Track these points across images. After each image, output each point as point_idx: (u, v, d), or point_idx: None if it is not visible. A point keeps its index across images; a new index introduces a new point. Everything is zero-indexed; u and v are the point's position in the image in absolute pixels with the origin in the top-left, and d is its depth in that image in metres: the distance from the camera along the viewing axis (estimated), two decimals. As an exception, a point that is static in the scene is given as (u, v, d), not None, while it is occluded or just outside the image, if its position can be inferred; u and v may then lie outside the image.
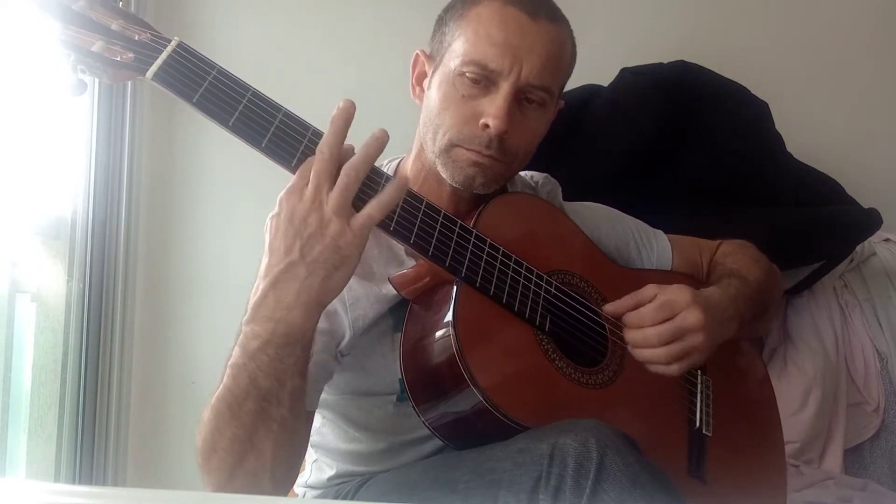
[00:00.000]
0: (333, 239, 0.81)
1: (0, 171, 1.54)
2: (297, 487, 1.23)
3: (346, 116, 0.85)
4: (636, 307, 1.05)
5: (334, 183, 0.83)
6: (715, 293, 1.09)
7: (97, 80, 0.88)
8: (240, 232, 1.82)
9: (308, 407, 0.98)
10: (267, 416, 0.85)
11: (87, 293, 1.75)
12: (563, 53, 1.07)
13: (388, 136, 0.85)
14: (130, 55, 0.85)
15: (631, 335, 1.02)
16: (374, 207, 0.84)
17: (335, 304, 1.01)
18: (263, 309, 0.83)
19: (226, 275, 1.82)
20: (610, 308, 1.07)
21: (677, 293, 1.02)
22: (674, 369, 1.01)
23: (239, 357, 0.85)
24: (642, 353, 1.01)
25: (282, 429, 0.86)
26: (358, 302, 1.02)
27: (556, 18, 1.06)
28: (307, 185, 0.83)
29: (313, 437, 1.17)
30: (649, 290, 1.04)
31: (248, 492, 0.88)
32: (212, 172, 1.87)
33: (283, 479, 0.93)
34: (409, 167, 1.14)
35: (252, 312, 0.84)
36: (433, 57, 1.09)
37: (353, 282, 1.02)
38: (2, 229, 1.56)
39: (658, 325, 1.00)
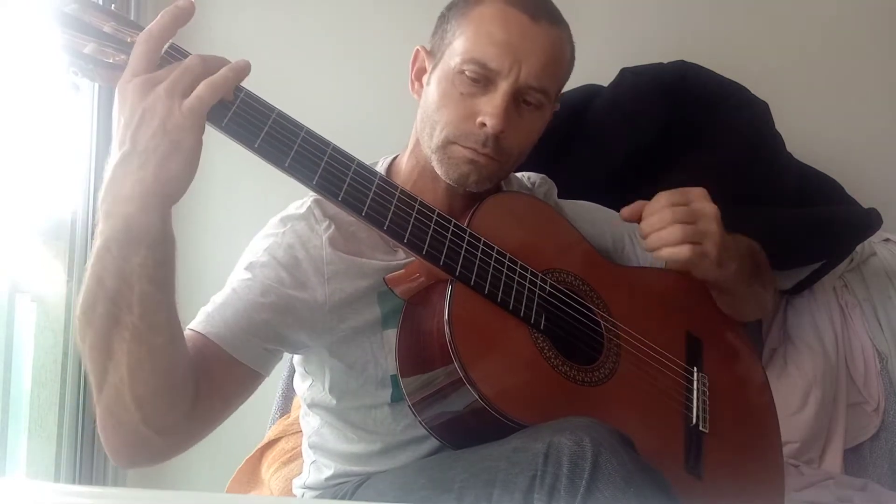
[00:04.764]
0: (161, 122, 0.78)
1: (0, 171, 1.54)
2: (296, 489, 1.23)
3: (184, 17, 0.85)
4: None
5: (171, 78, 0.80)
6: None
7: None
8: (240, 232, 1.81)
9: (235, 354, 0.98)
10: (118, 321, 0.80)
11: (87, 293, 1.75)
12: (562, 57, 1.08)
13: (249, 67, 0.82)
14: (123, 57, 0.85)
15: (647, 221, 1.05)
16: (203, 88, 0.79)
17: (307, 271, 1.02)
18: (104, 205, 0.80)
19: (225, 275, 1.81)
20: (626, 212, 1.10)
21: (694, 190, 1.06)
22: (685, 251, 1.03)
23: (90, 260, 0.82)
24: (657, 237, 1.03)
25: (134, 339, 0.81)
26: (337, 275, 1.03)
27: (557, 21, 1.07)
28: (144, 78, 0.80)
29: (312, 438, 1.18)
30: (662, 196, 1.07)
31: (117, 414, 0.84)
32: (212, 173, 1.86)
33: (153, 408, 0.85)
34: (403, 163, 1.15)
35: (99, 212, 0.81)
36: (433, 53, 1.10)
37: (335, 255, 1.03)
38: (2, 229, 1.56)
39: (674, 206, 1.04)
